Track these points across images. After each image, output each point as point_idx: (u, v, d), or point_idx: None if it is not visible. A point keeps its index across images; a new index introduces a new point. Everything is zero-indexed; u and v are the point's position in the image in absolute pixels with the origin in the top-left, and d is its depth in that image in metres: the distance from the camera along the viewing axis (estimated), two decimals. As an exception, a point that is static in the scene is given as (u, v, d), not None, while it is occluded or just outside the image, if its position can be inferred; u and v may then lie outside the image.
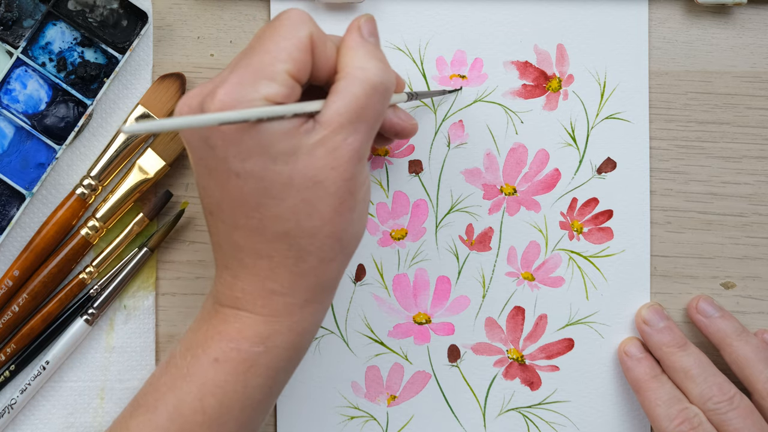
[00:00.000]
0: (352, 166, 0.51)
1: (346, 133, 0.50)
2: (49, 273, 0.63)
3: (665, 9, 0.65)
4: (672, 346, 0.62)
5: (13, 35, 0.63)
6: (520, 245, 0.65)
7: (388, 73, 0.52)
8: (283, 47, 0.51)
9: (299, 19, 0.51)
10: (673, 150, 0.65)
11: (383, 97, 0.52)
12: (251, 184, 0.50)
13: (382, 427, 0.65)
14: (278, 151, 0.50)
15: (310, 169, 0.50)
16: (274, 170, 0.50)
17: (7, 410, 0.63)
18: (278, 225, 0.51)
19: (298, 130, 0.50)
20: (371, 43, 0.53)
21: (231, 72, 0.51)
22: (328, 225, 0.51)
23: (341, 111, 0.50)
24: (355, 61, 0.52)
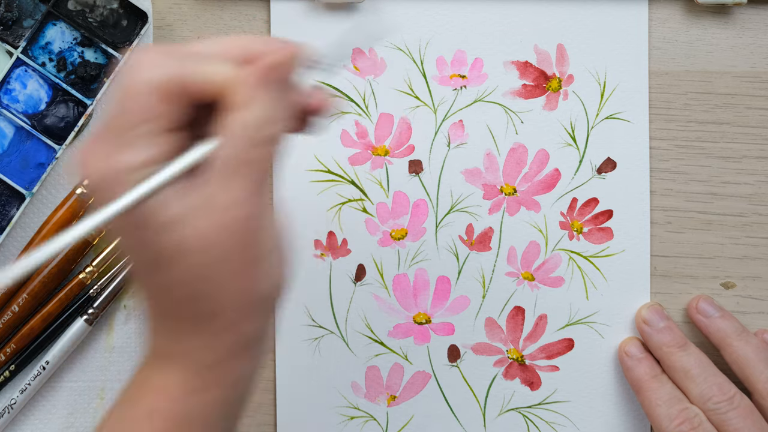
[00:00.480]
0: (241, 224, 0.46)
1: (228, 189, 0.46)
2: (49, 273, 0.63)
3: (665, 9, 0.65)
4: (672, 346, 0.62)
5: (13, 35, 0.63)
6: (520, 245, 0.65)
7: (277, 119, 0.47)
8: (137, 105, 0.46)
9: (151, 64, 0.46)
10: (673, 150, 0.65)
11: (268, 142, 0.47)
12: (141, 256, 0.47)
13: (382, 427, 0.65)
14: (160, 223, 0.46)
15: (197, 233, 0.46)
16: (162, 241, 0.46)
17: (7, 410, 0.63)
18: (180, 290, 0.48)
19: (180, 197, 0.46)
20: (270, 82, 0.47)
21: (94, 142, 0.47)
22: (230, 287, 0.47)
23: (222, 165, 0.46)
24: (242, 107, 0.46)
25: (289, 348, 0.64)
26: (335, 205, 0.64)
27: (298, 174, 0.64)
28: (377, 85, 0.64)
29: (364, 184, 0.64)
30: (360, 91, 0.64)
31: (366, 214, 0.65)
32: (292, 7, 0.64)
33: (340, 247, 0.64)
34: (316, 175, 0.64)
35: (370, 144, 0.64)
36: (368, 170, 0.65)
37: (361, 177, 0.64)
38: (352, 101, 0.64)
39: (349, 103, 0.64)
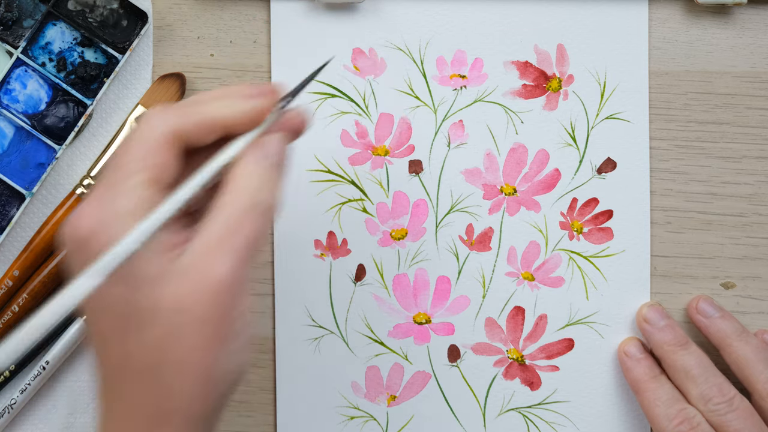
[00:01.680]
0: (222, 292, 0.46)
1: (216, 256, 0.46)
2: (49, 273, 0.63)
3: (665, 9, 0.65)
4: (673, 345, 0.62)
5: (13, 35, 0.63)
6: (520, 245, 0.65)
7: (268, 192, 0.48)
8: (135, 157, 0.48)
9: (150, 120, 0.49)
10: (673, 150, 0.65)
11: (261, 217, 0.48)
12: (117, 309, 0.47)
13: (382, 427, 0.65)
14: (144, 277, 0.46)
15: (177, 293, 0.46)
16: (139, 297, 0.46)
17: (7, 410, 0.63)
18: (142, 359, 0.47)
19: (171, 254, 0.47)
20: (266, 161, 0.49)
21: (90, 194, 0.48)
22: (196, 356, 0.47)
23: (213, 232, 0.47)
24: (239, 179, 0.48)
25: (289, 348, 0.64)
26: (335, 205, 0.64)
27: (299, 174, 0.64)
28: (377, 85, 0.64)
29: (364, 184, 0.64)
30: (360, 91, 0.64)
31: (366, 214, 0.65)
32: (292, 7, 0.64)
33: (340, 247, 0.64)
34: (316, 175, 0.64)
35: (370, 144, 0.64)
36: (368, 170, 0.65)
37: (361, 177, 0.64)
38: (352, 101, 0.64)
39: (349, 103, 0.64)
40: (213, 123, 0.49)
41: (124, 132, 0.63)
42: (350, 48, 0.64)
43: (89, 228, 0.47)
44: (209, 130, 0.49)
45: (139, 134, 0.49)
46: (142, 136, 0.48)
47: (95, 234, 0.46)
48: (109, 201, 0.47)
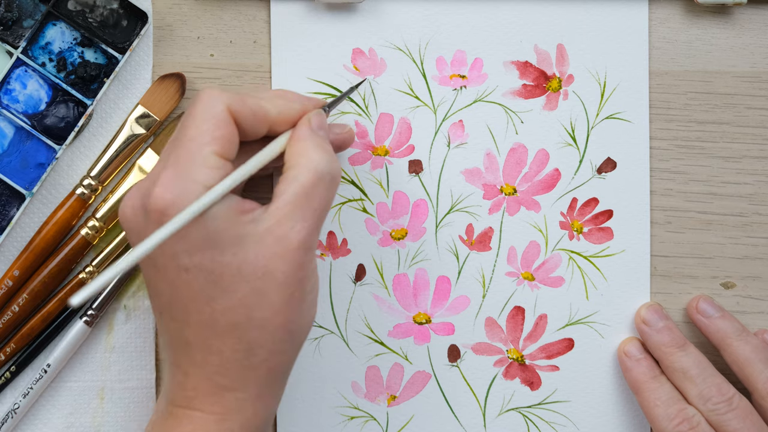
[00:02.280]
0: (300, 255, 0.51)
1: (294, 221, 0.51)
2: (49, 273, 0.63)
3: (665, 9, 0.65)
4: (671, 347, 0.62)
5: (13, 35, 0.63)
6: (520, 245, 0.65)
7: (334, 163, 0.53)
8: (204, 130, 0.51)
9: (211, 97, 0.52)
10: (673, 150, 0.65)
11: (330, 186, 0.53)
12: (201, 277, 0.51)
13: (382, 427, 0.65)
14: (226, 241, 0.50)
15: (259, 258, 0.50)
16: (223, 261, 0.50)
17: (10, 415, 0.63)
18: (229, 317, 0.51)
19: (245, 218, 0.51)
20: (319, 136, 0.54)
21: (163, 168, 0.51)
22: (278, 316, 0.51)
23: (288, 200, 0.51)
24: (304, 151, 0.53)
25: (289, 348, 0.64)
26: (335, 205, 0.64)
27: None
28: (377, 85, 0.64)
29: (364, 184, 0.64)
30: (360, 91, 0.64)
31: (366, 214, 0.65)
32: (292, 7, 0.64)
33: (340, 247, 0.64)
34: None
35: (370, 144, 0.64)
36: (368, 170, 0.65)
37: (361, 177, 0.64)
38: (352, 101, 0.64)
39: (349, 103, 0.64)
40: (264, 116, 0.54)
41: (124, 133, 0.63)
42: (350, 48, 0.64)
43: (168, 200, 0.50)
44: (260, 121, 0.54)
45: (202, 108, 0.52)
46: (207, 109, 0.52)
47: (174, 205, 0.50)
48: (184, 173, 0.50)
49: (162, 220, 0.50)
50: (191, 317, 0.51)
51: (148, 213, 0.51)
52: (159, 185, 0.50)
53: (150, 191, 0.51)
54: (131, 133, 0.63)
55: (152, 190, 0.50)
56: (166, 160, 0.52)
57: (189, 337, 0.52)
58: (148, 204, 0.51)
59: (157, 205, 0.50)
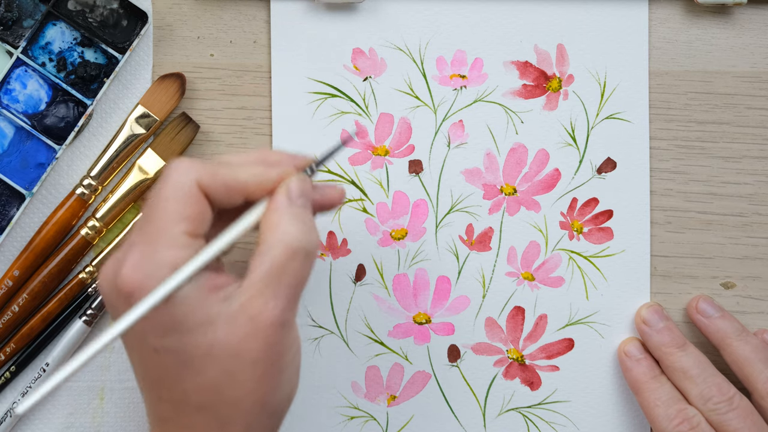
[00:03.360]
0: (273, 333, 0.49)
1: (266, 298, 0.49)
2: (49, 273, 0.63)
3: (665, 9, 0.65)
4: (671, 347, 0.62)
5: (13, 35, 0.63)
6: (520, 245, 0.65)
7: (310, 235, 0.51)
8: (172, 209, 0.50)
9: (180, 172, 0.50)
10: (673, 150, 0.65)
11: (305, 261, 0.50)
12: (170, 359, 0.49)
13: (382, 427, 0.65)
14: (195, 322, 0.49)
15: (231, 338, 0.49)
16: (193, 343, 0.49)
17: (9, 414, 0.63)
18: (200, 397, 0.50)
19: (216, 296, 0.49)
20: (297, 206, 0.51)
21: (131, 246, 0.50)
22: (252, 394, 0.50)
23: (261, 276, 0.49)
24: (277, 224, 0.51)
25: (289, 348, 0.64)
26: (335, 205, 0.64)
27: (298, 174, 0.64)
28: (377, 85, 0.64)
29: (364, 184, 0.64)
30: (360, 91, 0.64)
31: (366, 214, 0.65)
32: (292, 7, 0.64)
33: (340, 247, 0.64)
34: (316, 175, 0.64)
35: (370, 144, 0.64)
36: (368, 170, 0.65)
37: (361, 177, 0.64)
38: (352, 101, 0.64)
39: (349, 103, 0.64)
40: (238, 187, 0.51)
41: (124, 133, 0.63)
42: (350, 48, 0.64)
43: (134, 281, 0.49)
44: (234, 192, 0.51)
45: (171, 184, 0.50)
46: (176, 186, 0.50)
47: (141, 287, 0.49)
48: (151, 253, 0.49)
49: (130, 301, 0.49)
50: (163, 394, 0.50)
51: (118, 292, 0.50)
52: (126, 266, 0.49)
53: (118, 269, 0.50)
54: (131, 133, 0.63)
55: (120, 269, 0.49)
56: (136, 236, 0.50)
57: (163, 413, 0.51)
58: (117, 284, 0.49)
59: (125, 286, 0.49)
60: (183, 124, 0.63)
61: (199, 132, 0.64)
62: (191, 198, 0.50)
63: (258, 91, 0.64)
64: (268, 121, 0.64)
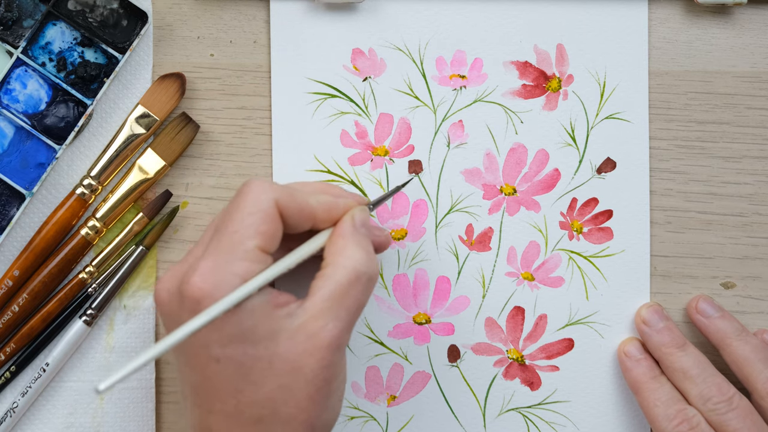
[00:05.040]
0: (330, 354, 0.51)
1: (327, 319, 0.51)
2: (49, 273, 0.63)
3: (665, 9, 0.65)
4: (671, 347, 0.62)
5: (13, 35, 0.63)
6: (520, 245, 0.65)
7: (372, 263, 0.53)
8: (249, 224, 0.51)
9: (260, 190, 0.52)
10: (673, 150, 0.65)
11: (366, 286, 0.53)
12: (231, 369, 0.51)
13: (382, 427, 0.65)
14: (259, 335, 0.50)
15: (290, 353, 0.50)
16: (255, 355, 0.50)
17: (9, 414, 0.63)
18: (254, 410, 0.51)
19: (280, 312, 0.51)
20: (361, 234, 0.54)
21: (203, 256, 0.51)
22: (303, 413, 0.51)
23: (324, 297, 0.51)
24: (343, 249, 0.53)
25: (288, 348, 0.64)
26: (335, 205, 0.64)
27: (298, 174, 0.64)
28: (377, 86, 0.64)
29: (364, 184, 0.64)
30: (360, 91, 0.64)
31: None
32: (292, 7, 0.64)
33: (340, 247, 0.64)
34: (316, 175, 0.64)
35: (370, 144, 0.64)
36: (368, 170, 0.65)
37: (361, 177, 0.64)
38: (352, 101, 0.64)
39: (348, 103, 0.64)
40: (310, 212, 0.54)
41: (124, 132, 0.63)
42: (350, 48, 0.64)
43: (205, 290, 0.50)
44: (306, 216, 0.54)
45: (251, 200, 0.52)
46: (255, 202, 0.52)
47: (211, 296, 0.50)
48: (224, 264, 0.51)
49: (197, 309, 0.50)
50: (216, 406, 0.51)
51: (184, 300, 0.51)
52: (197, 274, 0.50)
53: (188, 278, 0.51)
54: (131, 133, 0.63)
55: (190, 277, 0.51)
56: (206, 247, 0.52)
57: (212, 425, 0.52)
58: (185, 291, 0.51)
59: (194, 294, 0.50)
60: (183, 124, 0.63)
61: (199, 132, 0.64)
62: (269, 215, 0.52)
63: (258, 91, 0.64)
64: (268, 121, 0.64)
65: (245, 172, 0.64)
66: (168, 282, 0.52)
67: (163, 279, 0.53)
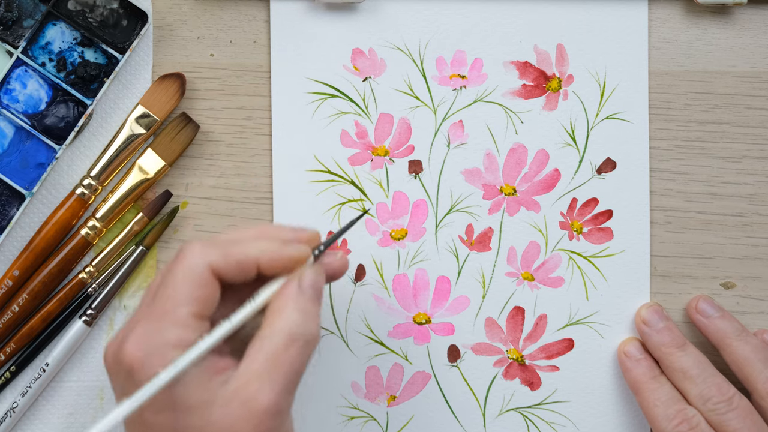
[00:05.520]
0: (269, 419, 0.49)
1: (261, 383, 0.49)
2: (49, 273, 0.63)
3: (665, 9, 0.65)
4: (671, 347, 0.62)
5: (13, 35, 0.63)
6: (520, 245, 0.65)
7: (310, 325, 0.51)
8: (182, 291, 0.51)
9: (194, 255, 0.51)
10: (673, 150, 0.65)
11: (304, 349, 0.51)
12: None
13: (382, 427, 0.65)
14: (192, 403, 0.49)
15: (225, 421, 0.49)
16: (187, 423, 0.49)
17: (9, 414, 0.63)
18: None
19: (217, 379, 0.50)
20: (306, 296, 0.52)
21: (137, 322, 0.51)
22: None
23: (259, 360, 0.50)
24: (282, 310, 0.51)
25: (288, 348, 0.64)
26: (335, 205, 0.64)
27: (298, 174, 0.64)
28: (377, 85, 0.64)
29: (363, 184, 0.64)
30: (360, 91, 0.64)
31: (366, 214, 0.65)
32: (292, 7, 0.64)
33: (340, 247, 0.64)
34: (315, 175, 0.64)
35: (370, 144, 0.64)
36: (368, 170, 0.65)
37: (360, 177, 0.64)
38: (352, 101, 0.64)
39: (348, 103, 0.64)
40: (252, 265, 0.52)
41: (124, 132, 0.63)
42: (350, 48, 0.64)
43: (137, 358, 0.49)
44: (247, 271, 0.52)
45: (184, 267, 0.51)
46: (187, 269, 0.51)
47: (142, 364, 0.49)
48: (156, 332, 0.50)
49: (131, 376, 0.49)
50: None
51: (120, 364, 0.50)
52: (130, 341, 0.50)
53: (122, 344, 0.50)
54: (131, 133, 0.63)
55: (124, 343, 0.50)
56: (142, 313, 0.51)
57: None
58: (119, 357, 0.50)
59: (126, 361, 0.50)
60: (183, 124, 0.63)
61: (199, 132, 0.64)
62: (202, 281, 0.51)
63: (258, 91, 0.64)
64: (268, 121, 0.64)
65: (245, 172, 0.64)
66: (112, 345, 0.52)
67: (109, 342, 0.52)
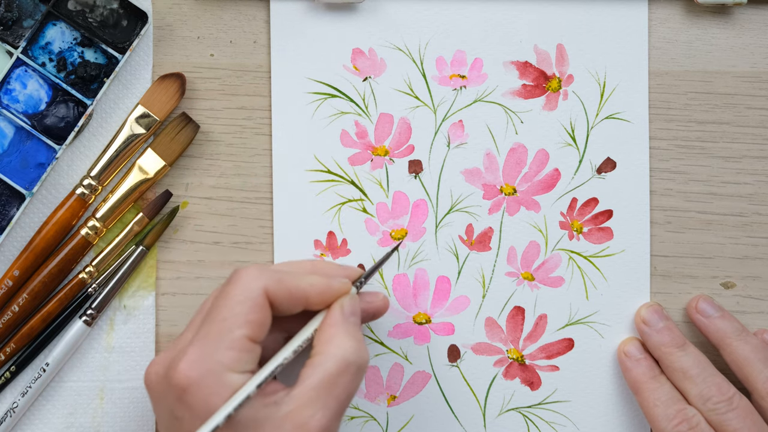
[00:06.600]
0: None
1: (314, 409, 0.51)
2: (49, 273, 0.63)
3: (665, 9, 0.65)
4: (671, 347, 0.62)
5: (13, 35, 0.63)
6: (520, 245, 0.65)
7: (361, 352, 0.53)
8: (237, 312, 0.52)
9: (250, 278, 0.53)
10: (673, 150, 0.65)
11: (355, 376, 0.53)
12: None
13: (382, 427, 0.65)
14: (244, 424, 0.50)
15: None
16: None
17: (9, 414, 0.63)
18: None
19: (267, 400, 0.51)
20: (351, 323, 0.54)
21: (191, 343, 0.51)
22: None
23: (313, 385, 0.51)
24: (333, 338, 0.53)
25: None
26: (335, 205, 0.64)
27: (298, 174, 0.64)
28: (377, 85, 0.64)
29: (363, 184, 0.64)
30: (360, 91, 0.64)
31: (366, 214, 0.65)
32: (292, 7, 0.64)
33: (340, 247, 0.64)
34: (315, 175, 0.64)
35: (370, 144, 0.64)
36: (368, 170, 0.65)
37: (360, 177, 0.64)
38: (352, 101, 0.64)
39: (348, 103, 0.64)
40: (302, 296, 0.54)
41: (124, 132, 0.63)
42: (350, 48, 0.64)
43: (192, 379, 0.50)
44: (297, 301, 0.54)
45: (240, 289, 0.52)
46: (243, 291, 0.52)
47: (197, 385, 0.50)
48: (211, 354, 0.51)
49: (182, 396, 0.50)
50: None
51: (170, 386, 0.51)
52: (184, 361, 0.51)
53: (175, 364, 0.51)
54: (131, 133, 0.63)
55: (177, 364, 0.51)
56: (196, 333, 0.52)
57: None
58: (171, 377, 0.51)
59: (180, 381, 0.51)
60: (183, 124, 0.63)
61: (199, 132, 0.64)
62: (258, 305, 0.52)
63: (258, 91, 0.64)
64: (268, 121, 0.64)
65: (245, 172, 0.64)
66: (158, 365, 0.53)
67: (154, 362, 0.53)
